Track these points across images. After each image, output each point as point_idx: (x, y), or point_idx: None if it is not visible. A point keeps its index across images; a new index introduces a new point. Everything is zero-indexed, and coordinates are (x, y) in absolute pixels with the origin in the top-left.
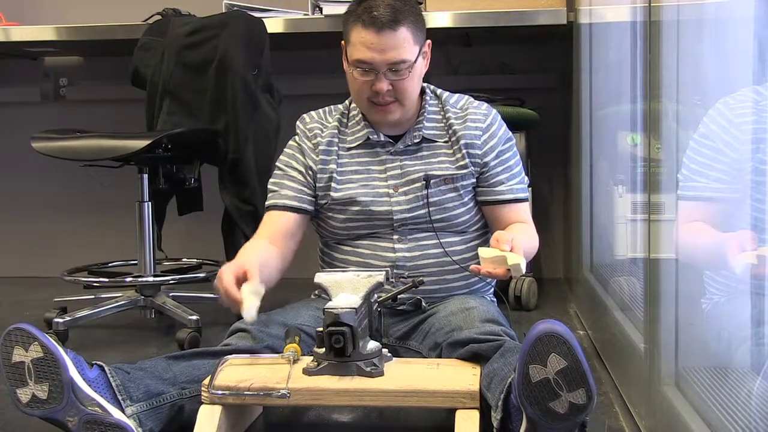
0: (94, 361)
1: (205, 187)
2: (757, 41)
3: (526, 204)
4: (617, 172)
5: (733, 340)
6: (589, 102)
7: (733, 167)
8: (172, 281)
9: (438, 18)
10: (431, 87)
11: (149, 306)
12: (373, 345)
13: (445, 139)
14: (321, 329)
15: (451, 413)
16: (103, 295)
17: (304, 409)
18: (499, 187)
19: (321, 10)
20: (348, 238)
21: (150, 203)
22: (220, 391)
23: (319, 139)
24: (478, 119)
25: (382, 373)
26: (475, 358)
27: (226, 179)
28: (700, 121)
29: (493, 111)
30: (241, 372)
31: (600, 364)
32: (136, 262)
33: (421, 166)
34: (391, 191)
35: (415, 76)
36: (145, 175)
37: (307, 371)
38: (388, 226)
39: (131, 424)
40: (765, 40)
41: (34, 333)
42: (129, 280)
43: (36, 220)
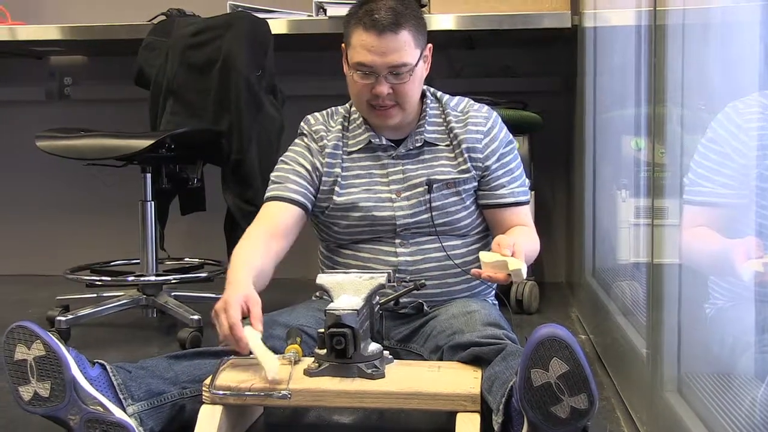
0: (95, 360)
1: (207, 187)
2: (764, 45)
3: (527, 207)
4: (621, 177)
5: (737, 346)
6: (593, 106)
7: (740, 173)
8: (174, 281)
9: (441, 21)
10: (431, 90)
11: (151, 305)
12: (374, 347)
13: (447, 142)
14: (322, 330)
15: (451, 416)
16: (105, 294)
17: (304, 410)
18: (500, 191)
19: (325, 11)
20: (350, 242)
21: (153, 203)
22: (221, 391)
23: (325, 141)
24: (479, 122)
25: (383, 375)
26: (476, 362)
27: (229, 179)
28: (707, 125)
29: (494, 114)
30: (242, 372)
31: (602, 369)
32: (139, 261)
33: (423, 171)
34: (393, 196)
35: (415, 79)
36: (149, 175)
37: (308, 372)
38: (390, 230)
39: (132, 423)
40: None
41: (37, 331)
42: (131, 279)
43: (39, 219)
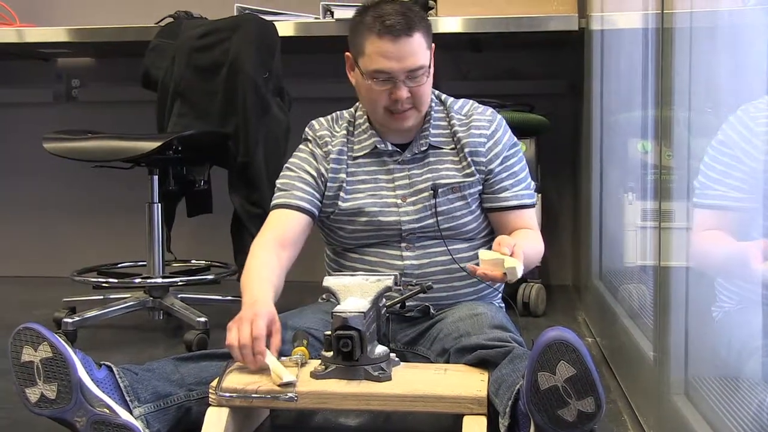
0: (102, 362)
1: (214, 190)
2: None
3: (532, 210)
4: (627, 180)
5: (744, 349)
6: (600, 108)
7: (751, 176)
8: (180, 283)
9: (448, 23)
10: (435, 93)
11: (158, 307)
12: (381, 349)
13: (452, 146)
14: (329, 333)
15: (458, 419)
16: (111, 296)
17: (311, 412)
18: (504, 194)
19: (332, 14)
20: (356, 246)
21: (160, 205)
22: (228, 394)
23: (329, 147)
24: (482, 126)
25: (389, 378)
26: (483, 364)
27: (236, 182)
28: (714, 128)
29: (498, 116)
30: (248, 375)
31: (609, 373)
32: (145, 263)
33: (429, 175)
34: (399, 201)
35: (429, 80)
36: (155, 177)
37: (314, 375)
38: (396, 235)
39: (139, 425)
40: None
41: (44, 333)
42: (138, 281)
43: (46, 221)
